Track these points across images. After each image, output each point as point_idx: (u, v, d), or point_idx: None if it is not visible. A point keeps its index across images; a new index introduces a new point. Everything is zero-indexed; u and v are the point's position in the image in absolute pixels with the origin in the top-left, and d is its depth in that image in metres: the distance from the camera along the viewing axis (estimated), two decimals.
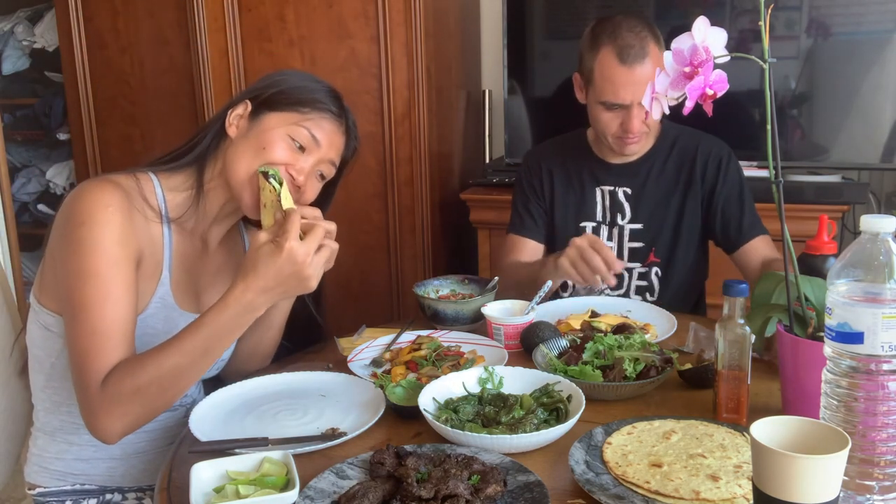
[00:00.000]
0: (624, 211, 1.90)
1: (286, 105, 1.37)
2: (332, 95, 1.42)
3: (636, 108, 1.73)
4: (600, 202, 1.91)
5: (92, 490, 1.44)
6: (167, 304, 1.37)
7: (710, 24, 1.02)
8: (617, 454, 1.06)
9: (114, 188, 1.29)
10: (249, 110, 1.38)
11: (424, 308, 1.67)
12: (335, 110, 1.40)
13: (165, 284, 1.37)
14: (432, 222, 2.62)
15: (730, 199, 1.85)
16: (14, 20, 3.53)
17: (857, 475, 0.93)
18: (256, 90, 1.40)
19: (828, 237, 1.34)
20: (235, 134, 1.38)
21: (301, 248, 1.19)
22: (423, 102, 2.50)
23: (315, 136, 1.37)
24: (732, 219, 1.84)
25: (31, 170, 3.62)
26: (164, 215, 1.36)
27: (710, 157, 1.86)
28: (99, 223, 1.25)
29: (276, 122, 1.37)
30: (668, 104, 1.07)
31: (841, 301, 0.94)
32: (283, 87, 1.39)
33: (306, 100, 1.38)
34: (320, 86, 1.43)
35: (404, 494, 0.97)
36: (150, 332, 1.35)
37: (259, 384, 1.38)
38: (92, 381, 1.21)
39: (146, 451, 1.45)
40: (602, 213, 1.92)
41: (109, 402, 1.20)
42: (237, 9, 2.56)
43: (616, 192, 1.90)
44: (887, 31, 2.39)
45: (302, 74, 1.47)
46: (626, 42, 1.71)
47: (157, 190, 1.38)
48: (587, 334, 1.46)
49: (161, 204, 1.37)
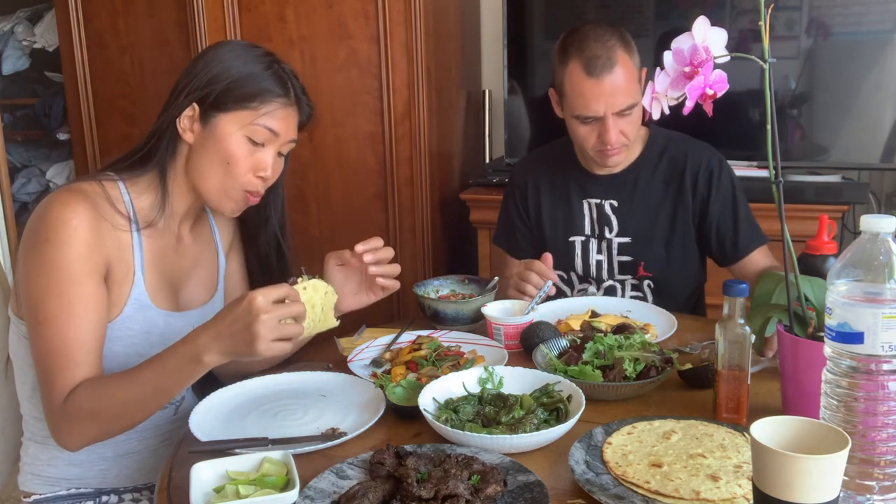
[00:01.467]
0: (611, 224, 1.85)
1: (235, 103, 1.34)
2: (276, 77, 1.37)
3: (610, 119, 1.69)
4: (588, 215, 1.88)
5: (87, 493, 1.44)
6: (143, 305, 1.37)
7: (710, 24, 1.02)
8: (617, 454, 1.06)
9: (79, 200, 1.29)
10: (198, 112, 1.35)
11: (424, 308, 1.67)
12: (283, 92, 1.37)
13: (139, 286, 1.37)
14: (432, 222, 2.62)
15: (723, 213, 1.80)
16: (14, 20, 3.53)
17: (857, 475, 0.93)
18: (199, 89, 1.35)
19: (828, 237, 1.34)
20: (192, 139, 1.36)
21: (263, 303, 1.14)
22: (423, 102, 2.50)
23: (272, 129, 1.36)
24: (727, 235, 1.80)
25: (31, 170, 3.62)
26: (132, 220, 1.36)
27: (701, 169, 1.81)
28: (61, 240, 1.26)
29: (230, 126, 1.35)
30: (668, 104, 1.07)
31: (841, 301, 0.94)
32: (227, 83, 1.34)
33: (254, 93, 1.35)
34: (261, 66, 1.37)
35: (404, 494, 0.97)
36: (130, 334, 1.36)
37: (259, 384, 1.38)
38: (54, 397, 1.25)
39: (139, 451, 1.45)
40: (590, 226, 1.88)
41: (70, 420, 1.25)
42: (237, 9, 2.56)
43: (602, 204, 1.86)
44: (887, 31, 2.39)
45: (237, 53, 1.39)
46: (593, 53, 1.67)
47: (124, 195, 1.37)
48: (587, 334, 1.46)
49: (129, 208, 1.37)
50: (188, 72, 1.38)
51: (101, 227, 1.30)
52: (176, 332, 1.39)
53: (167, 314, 1.41)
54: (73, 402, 1.24)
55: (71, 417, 1.25)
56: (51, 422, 1.28)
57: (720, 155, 1.85)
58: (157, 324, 1.39)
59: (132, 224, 1.36)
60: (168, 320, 1.41)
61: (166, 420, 1.47)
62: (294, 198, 2.67)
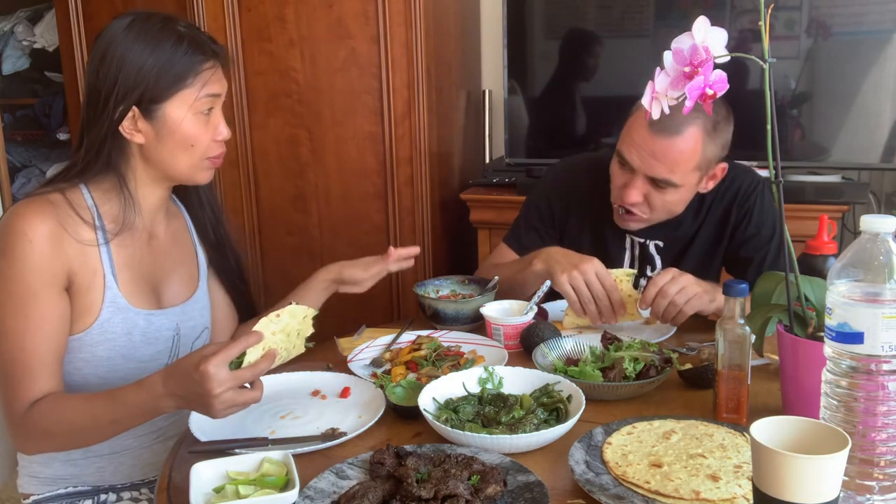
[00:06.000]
0: (654, 264, 1.77)
1: (171, 89, 1.32)
2: (192, 45, 1.34)
3: (640, 179, 1.60)
4: (629, 250, 1.79)
5: (85, 491, 1.44)
6: (121, 307, 1.37)
7: (710, 24, 1.02)
8: (617, 454, 1.06)
9: (36, 212, 1.28)
10: (139, 112, 1.33)
11: (424, 308, 1.67)
12: (205, 55, 1.36)
13: (112, 288, 1.36)
14: (432, 222, 2.62)
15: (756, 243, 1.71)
16: (14, 20, 3.53)
17: (857, 475, 0.93)
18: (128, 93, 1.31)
19: (828, 237, 1.34)
20: (143, 139, 1.35)
21: (215, 376, 1.10)
22: (423, 102, 2.50)
23: (214, 94, 1.37)
24: (753, 262, 1.70)
25: (31, 170, 3.62)
26: (98, 226, 1.35)
27: (739, 196, 1.72)
28: (16, 254, 1.26)
29: (178, 111, 1.34)
30: (668, 104, 1.07)
31: (841, 301, 0.94)
32: (154, 75, 1.31)
33: (184, 72, 1.33)
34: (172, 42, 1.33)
35: (404, 494, 0.97)
36: (111, 336, 1.36)
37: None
38: (14, 408, 1.28)
39: (134, 448, 1.46)
40: (630, 261, 1.79)
41: (28, 433, 1.29)
42: (237, 9, 2.56)
43: (647, 244, 1.77)
44: (887, 31, 2.39)
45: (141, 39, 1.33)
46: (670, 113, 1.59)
47: (87, 200, 1.36)
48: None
49: (94, 213, 1.36)
50: (100, 75, 1.33)
51: (60, 237, 1.29)
52: (157, 330, 1.41)
53: (148, 313, 1.40)
54: (32, 417, 1.26)
55: (29, 431, 1.28)
56: (10, 430, 1.31)
57: (761, 180, 1.76)
58: (138, 324, 1.39)
59: (97, 230, 1.35)
60: (149, 319, 1.40)
61: (160, 417, 1.47)
62: (294, 198, 2.67)
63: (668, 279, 1.50)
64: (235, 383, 1.12)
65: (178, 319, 1.45)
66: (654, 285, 1.51)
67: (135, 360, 1.38)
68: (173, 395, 1.16)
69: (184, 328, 1.46)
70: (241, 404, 1.15)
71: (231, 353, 1.12)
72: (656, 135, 1.56)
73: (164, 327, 1.42)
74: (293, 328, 1.22)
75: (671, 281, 1.50)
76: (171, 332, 1.44)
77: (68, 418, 1.26)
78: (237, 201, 2.70)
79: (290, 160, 2.64)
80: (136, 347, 1.38)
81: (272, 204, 2.70)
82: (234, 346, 1.13)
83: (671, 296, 1.49)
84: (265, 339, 1.16)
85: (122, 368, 1.37)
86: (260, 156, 2.66)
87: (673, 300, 1.50)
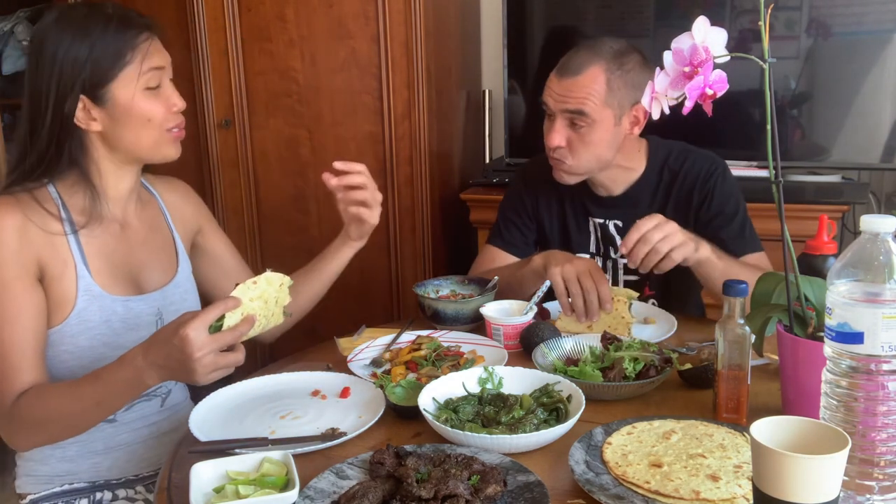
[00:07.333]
0: (616, 244, 1.81)
1: (112, 69, 1.34)
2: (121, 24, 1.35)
3: (558, 120, 1.69)
4: (593, 233, 1.85)
5: (81, 489, 1.45)
6: (96, 295, 1.38)
7: (710, 24, 1.02)
8: (617, 454, 1.06)
9: (1, 208, 1.31)
10: (88, 101, 1.35)
11: (424, 308, 1.67)
12: (137, 29, 1.36)
13: (85, 277, 1.37)
14: (432, 222, 2.62)
15: (716, 219, 1.74)
16: (14, 20, 3.53)
17: (857, 475, 0.93)
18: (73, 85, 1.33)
19: (828, 237, 1.34)
20: (100, 126, 1.37)
21: (195, 340, 1.11)
22: (423, 102, 2.50)
23: (157, 66, 1.38)
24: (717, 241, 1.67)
25: None
26: (63, 217, 1.37)
27: (699, 179, 1.77)
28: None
29: (126, 90, 1.35)
30: (668, 104, 1.07)
31: (841, 301, 0.94)
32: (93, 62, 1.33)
33: (119, 51, 1.34)
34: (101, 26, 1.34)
35: (404, 494, 0.97)
36: (90, 325, 1.38)
37: (259, 384, 1.38)
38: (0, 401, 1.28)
39: (129, 443, 1.46)
40: (595, 245, 1.85)
41: (17, 426, 1.30)
42: (237, 9, 2.56)
43: (607, 224, 1.83)
44: (887, 31, 2.38)
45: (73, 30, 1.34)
46: (571, 55, 1.69)
47: (53, 195, 1.38)
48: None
49: (60, 207, 1.38)
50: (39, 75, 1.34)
51: (27, 229, 1.31)
52: (138, 316, 1.42)
53: (125, 300, 1.41)
54: (18, 410, 1.27)
55: (17, 424, 1.29)
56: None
57: (721, 162, 1.81)
58: (116, 311, 1.40)
59: (63, 222, 1.36)
60: (127, 305, 1.41)
61: (153, 412, 1.49)
62: (294, 198, 2.67)
63: (651, 225, 1.48)
64: (216, 346, 1.13)
65: (160, 304, 1.46)
66: (637, 230, 1.48)
67: (119, 347, 1.37)
68: (155, 366, 1.17)
69: (166, 312, 1.47)
70: (224, 367, 1.15)
71: (209, 316, 1.13)
72: (562, 77, 1.69)
73: (145, 312, 1.43)
74: (271, 296, 1.22)
75: (655, 228, 1.47)
76: (152, 317, 1.44)
77: (54, 406, 1.26)
78: (237, 201, 2.70)
79: (290, 160, 2.64)
80: (117, 334, 1.39)
81: (272, 204, 2.70)
82: (211, 309, 1.13)
83: (653, 242, 1.46)
84: (243, 305, 1.17)
85: (107, 357, 1.36)
86: (260, 156, 2.66)
87: (656, 247, 1.47)
